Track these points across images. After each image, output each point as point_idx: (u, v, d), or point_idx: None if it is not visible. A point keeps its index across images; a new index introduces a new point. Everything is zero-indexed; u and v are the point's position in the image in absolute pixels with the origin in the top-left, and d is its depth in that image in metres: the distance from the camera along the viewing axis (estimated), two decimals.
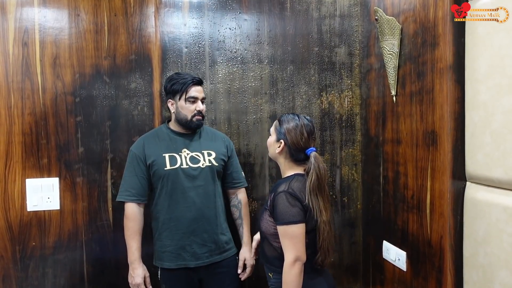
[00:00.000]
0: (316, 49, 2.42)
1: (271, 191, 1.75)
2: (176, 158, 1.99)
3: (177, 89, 1.97)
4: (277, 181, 1.78)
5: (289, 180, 1.66)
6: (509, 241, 1.46)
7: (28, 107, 2.09)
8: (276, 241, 1.66)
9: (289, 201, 1.59)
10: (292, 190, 1.61)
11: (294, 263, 1.57)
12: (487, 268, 1.56)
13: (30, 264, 2.13)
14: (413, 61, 1.93)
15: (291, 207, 1.58)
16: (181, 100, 1.98)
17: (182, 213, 1.97)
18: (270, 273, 1.74)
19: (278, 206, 1.60)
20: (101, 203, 2.19)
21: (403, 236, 2.05)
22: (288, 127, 1.71)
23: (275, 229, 1.64)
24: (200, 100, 2.00)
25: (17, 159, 2.09)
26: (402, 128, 2.04)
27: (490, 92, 1.54)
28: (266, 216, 1.69)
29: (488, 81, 1.55)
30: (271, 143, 1.78)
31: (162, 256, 2.00)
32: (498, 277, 1.51)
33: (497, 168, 1.51)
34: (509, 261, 1.46)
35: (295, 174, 1.71)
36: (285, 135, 1.70)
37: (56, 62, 2.11)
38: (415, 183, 1.94)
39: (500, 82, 1.49)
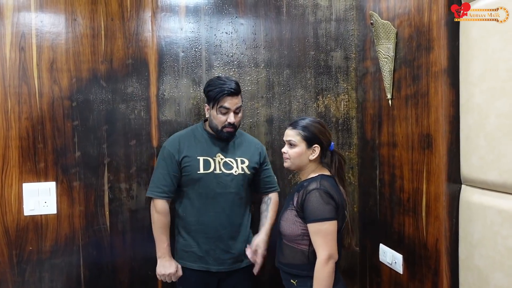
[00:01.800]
0: (312, 53, 2.44)
1: (296, 190, 1.74)
2: (210, 163, 1.99)
3: (212, 96, 1.95)
4: (300, 183, 1.79)
5: (318, 179, 1.67)
6: (503, 244, 1.47)
7: (25, 111, 2.09)
8: (303, 243, 1.65)
9: (322, 198, 1.59)
10: (325, 187, 1.62)
11: (328, 261, 1.57)
12: (482, 271, 1.57)
13: (27, 268, 2.13)
14: (408, 64, 1.95)
15: (325, 204, 1.58)
16: (214, 109, 1.97)
17: (211, 218, 1.98)
18: (294, 280, 1.70)
19: (311, 203, 1.59)
20: (98, 207, 2.19)
21: (399, 239, 2.06)
22: (315, 129, 1.73)
23: (303, 229, 1.63)
24: (233, 111, 1.96)
25: (14, 163, 2.09)
26: (398, 131, 2.05)
27: (484, 95, 1.55)
28: (292, 216, 1.67)
29: (482, 84, 1.56)
30: (302, 153, 1.74)
31: (184, 255, 2.02)
32: (493, 279, 1.51)
33: (492, 171, 1.52)
34: (504, 263, 1.47)
35: (320, 174, 1.72)
36: (318, 139, 1.72)
37: (53, 67, 2.12)
38: (411, 186, 1.95)
39: (494, 85, 1.50)
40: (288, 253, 1.70)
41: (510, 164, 1.44)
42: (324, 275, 1.56)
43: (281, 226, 1.72)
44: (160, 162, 2.03)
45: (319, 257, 1.58)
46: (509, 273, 1.44)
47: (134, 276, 2.18)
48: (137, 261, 2.20)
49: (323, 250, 1.57)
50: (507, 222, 1.45)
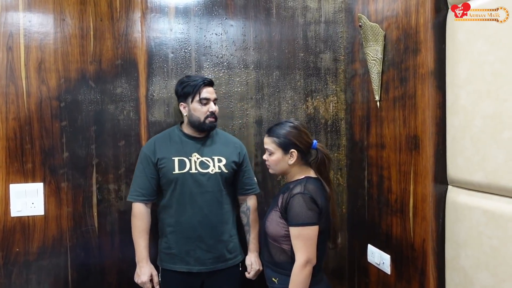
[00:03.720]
0: (301, 54, 2.45)
1: (281, 192, 1.74)
2: (186, 162, 1.99)
3: (189, 91, 1.98)
4: (286, 184, 1.78)
5: (303, 182, 1.67)
6: (488, 244, 1.49)
7: (12, 111, 2.07)
8: (287, 243, 1.66)
9: (305, 203, 1.60)
10: (308, 192, 1.62)
11: (305, 265, 1.58)
12: (468, 270, 1.59)
13: (14, 270, 2.10)
14: (396, 67, 1.97)
15: (307, 209, 1.59)
16: (194, 102, 1.99)
17: (189, 218, 1.97)
18: (275, 278, 1.71)
19: (294, 207, 1.60)
20: (86, 209, 2.18)
21: (387, 239, 2.08)
22: (289, 133, 1.71)
23: (287, 230, 1.64)
24: (212, 101, 2.01)
25: (0, 164, 2.07)
26: (385, 132, 2.07)
27: (470, 97, 1.57)
28: (276, 218, 1.68)
29: (468, 87, 1.58)
30: (279, 160, 1.74)
31: (165, 257, 2.02)
32: (478, 279, 1.54)
33: (477, 172, 1.54)
34: (489, 263, 1.49)
35: (306, 177, 1.72)
36: (293, 143, 1.70)
37: (41, 67, 2.10)
38: (398, 187, 1.97)
39: (480, 87, 1.53)
40: (272, 251, 1.73)
41: (495, 165, 1.46)
42: (301, 279, 1.59)
43: (266, 226, 1.74)
44: (138, 166, 2.04)
45: (297, 261, 1.60)
46: (494, 273, 1.46)
47: (123, 278, 2.17)
48: (126, 262, 2.18)
49: (302, 254, 1.59)
50: (492, 222, 1.47)
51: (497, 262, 1.45)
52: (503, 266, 1.43)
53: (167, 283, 2.02)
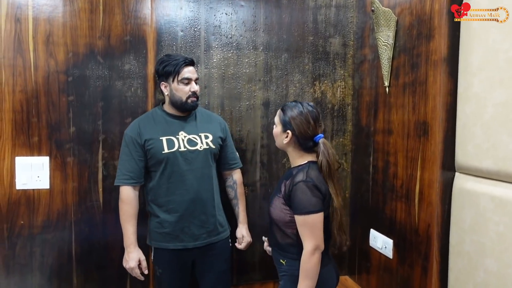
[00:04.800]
0: (311, 38, 2.44)
1: (284, 178, 1.72)
2: (174, 141, 1.98)
3: (170, 70, 1.96)
4: (289, 170, 1.76)
5: (305, 169, 1.64)
6: (495, 230, 1.51)
7: (19, 84, 2.06)
8: (291, 228, 1.65)
9: (308, 191, 1.57)
10: (311, 179, 1.59)
11: (314, 251, 1.57)
12: (472, 256, 1.61)
13: (18, 242, 2.11)
14: (407, 53, 1.96)
15: (311, 197, 1.57)
16: (175, 82, 1.97)
17: (181, 196, 1.97)
18: (283, 260, 1.71)
19: (298, 196, 1.58)
20: (91, 184, 2.18)
21: (390, 224, 2.10)
22: (293, 116, 1.67)
23: (291, 217, 1.63)
24: (194, 81, 1.99)
25: (6, 136, 2.06)
26: (393, 118, 2.07)
27: (483, 85, 1.58)
28: (280, 204, 1.67)
29: (481, 74, 1.58)
30: (278, 134, 1.74)
31: (158, 237, 2.01)
32: (483, 264, 1.56)
33: (487, 159, 1.55)
34: (494, 249, 1.51)
35: (308, 162, 1.68)
36: (291, 125, 1.67)
37: (49, 40, 2.08)
38: (404, 172, 1.98)
39: (493, 75, 1.53)
40: (278, 235, 1.72)
41: (505, 152, 1.47)
42: (310, 266, 1.59)
43: (271, 211, 1.73)
44: (124, 150, 2.00)
45: (305, 248, 1.60)
46: (499, 258, 1.48)
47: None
48: None
49: (310, 242, 1.59)
50: (500, 208, 1.49)
51: (502, 247, 1.47)
52: (509, 252, 1.45)
53: (160, 262, 2.03)
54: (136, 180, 1.98)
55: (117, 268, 2.23)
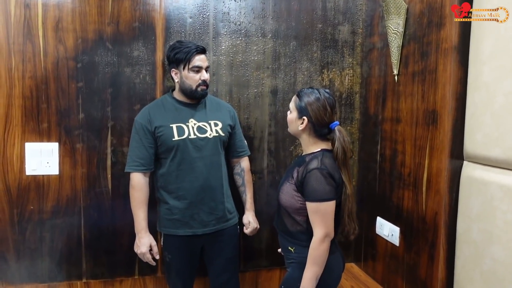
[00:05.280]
0: (319, 25, 2.43)
1: (296, 165, 1.71)
2: (184, 129, 1.99)
3: (181, 58, 1.96)
4: (301, 156, 1.75)
5: (319, 156, 1.63)
6: (503, 218, 1.52)
7: (29, 70, 2.06)
8: (301, 215, 1.66)
9: (323, 179, 1.57)
10: (325, 167, 1.59)
11: (323, 239, 1.58)
12: (479, 244, 1.62)
13: (28, 227, 2.14)
14: (417, 41, 1.96)
15: (325, 185, 1.57)
16: (185, 70, 1.97)
17: (191, 183, 1.98)
18: (291, 247, 1.71)
19: (311, 183, 1.58)
20: (100, 170, 2.19)
21: (397, 212, 2.11)
22: (309, 102, 1.65)
23: (302, 204, 1.63)
24: (204, 69, 1.99)
25: (16, 122, 2.07)
26: (402, 107, 2.07)
27: (493, 74, 1.57)
28: (291, 190, 1.66)
29: (491, 63, 1.58)
30: (293, 120, 1.71)
31: (168, 223, 2.03)
32: (489, 252, 1.57)
33: (496, 148, 1.56)
34: (501, 237, 1.52)
35: (322, 150, 1.67)
36: (307, 111, 1.65)
37: (59, 26, 2.08)
38: (412, 161, 1.98)
39: (504, 64, 1.53)
40: (287, 222, 1.72)
41: None
42: (319, 253, 1.59)
43: (280, 198, 1.72)
44: (134, 137, 2.01)
45: (315, 235, 1.60)
46: (506, 247, 1.49)
47: (134, 240, 2.17)
48: None
49: (320, 229, 1.59)
50: (508, 197, 1.50)
51: (510, 236, 1.48)
52: None
53: (170, 248, 2.05)
54: (146, 167, 1.99)
55: (126, 253, 2.26)
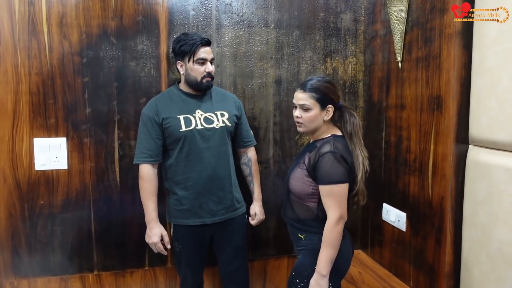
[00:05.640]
0: (322, 14, 2.43)
1: (307, 151, 1.73)
2: (191, 120, 2.01)
3: (186, 50, 1.97)
4: (311, 143, 1.77)
5: (331, 141, 1.66)
6: (509, 201, 1.53)
7: (35, 66, 2.08)
8: (312, 201, 1.68)
9: (336, 162, 1.60)
10: (338, 150, 1.62)
11: (338, 221, 1.60)
12: (486, 227, 1.64)
13: (39, 221, 2.17)
14: (420, 27, 1.96)
15: (339, 167, 1.59)
16: (190, 62, 1.98)
17: (199, 173, 2.01)
18: (301, 235, 1.73)
19: (324, 166, 1.60)
20: (108, 164, 2.22)
21: (403, 198, 2.13)
22: (327, 90, 1.69)
23: (313, 189, 1.65)
24: (209, 61, 2.00)
25: (24, 118, 2.10)
26: (406, 93, 2.08)
27: (497, 57, 1.58)
28: (303, 176, 1.68)
29: (496, 47, 1.59)
30: (317, 116, 1.69)
31: (177, 214, 2.05)
32: (496, 234, 1.59)
33: (501, 131, 1.57)
34: (508, 219, 1.54)
35: (332, 135, 1.71)
36: (330, 99, 1.69)
37: (63, 22, 2.10)
38: (417, 147, 2.00)
39: (508, 47, 1.53)
40: (297, 209, 1.74)
41: None
42: (334, 235, 1.61)
43: (291, 184, 1.74)
44: (142, 129, 2.04)
45: (330, 218, 1.62)
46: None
47: (143, 232, 2.19)
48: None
49: (335, 212, 1.60)
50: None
51: None
52: None
53: (179, 238, 2.08)
54: (154, 158, 2.02)
55: (136, 245, 2.29)
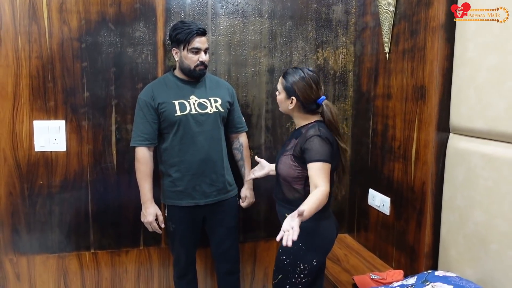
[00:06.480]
0: (314, 5, 2.51)
1: (293, 137, 1.81)
2: (185, 105, 2.09)
3: (181, 39, 2.04)
4: (296, 130, 1.85)
5: (316, 126, 1.74)
6: (484, 185, 1.64)
7: (35, 50, 2.15)
8: (298, 184, 1.77)
9: (323, 142, 1.68)
10: (323, 133, 1.71)
11: (327, 194, 1.65)
12: (463, 210, 1.75)
13: (38, 201, 2.25)
14: (407, 19, 2.05)
15: (325, 148, 1.68)
16: (185, 50, 2.06)
17: (193, 156, 2.10)
18: (287, 213, 1.80)
19: (313, 146, 1.67)
20: (105, 146, 2.30)
21: (388, 183, 2.23)
22: (295, 81, 1.75)
23: (299, 171, 1.74)
24: (203, 50, 2.08)
25: (24, 101, 2.16)
26: (393, 83, 2.18)
27: (477, 50, 1.67)
28: (289, 161, 1.77)
29: (476, 39, 1.68)
30: (282, 101, 1.82)
31: (172, 195, 2.14)
32: (472, 217, 1.70)
33: (478, 120, 1.67)
34: (483, 202, 1.64)
35: (315, 121, 1.78)
36: (294, 91, 1.75)
37: (63, 8, 2.16)
38: (402, 134, 2.10)
39: (487, 40, 1.63)
40: (284, 190, 1.83)
41: (496, 113, 1.58)
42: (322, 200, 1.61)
43: (279, 168, 1.84)
44: (138, 113, 2.12)
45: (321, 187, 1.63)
46: (487, 211, 1.62)
47: (139, 213, 2.28)
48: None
49: (325, 185, 1.64)
50: (489, 165, 1.61)
51: (490, 201, 1.61)
52: (496, 205, 1.58)
53: (173, 218, 2.18)
54: (150, 142, 2.10)
55: (131, 225, 2.38)
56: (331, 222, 1.84)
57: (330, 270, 2.25)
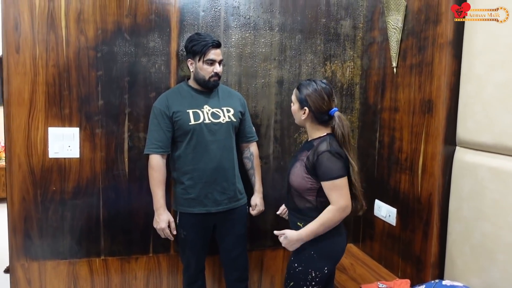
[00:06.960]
0: (323, 20, 2.58)
1: (305, 149, 1.86)
2: (199, 114, 2.15)
3: (197, 50, 2.10)
4: (308, 142, 1.90)
5: (327, 140, 1.79)
6: (491, 197, 1.69)
7: (52, 58, 2.20)
8: (310, 195, 1.81)
9: (334, 158, 1.73)
10: (334, 148, 1.75)
11: (344, 209, 1.72)
12: (469, 221, 1.80)
13: (50, 207, 2.28)
14: (415, 36, 2.12)
15: (336, 163, 1.73)
16: (200, 62, 2.12)
17: (205, 165, 2.15)
18: (300, 223, 1.85)
19: (324, 163, 1.73)
20: (118, 154, 2.34)
21: (394, 194, 2.28)
22: (308, 93, 1.81)
23: (312, 184, 1.79)
24: (218, 62, 2.14)
25: (40, 108, 2.21)
26: (400, 97, 2.24)
27: (484, 67, 1.74)
28: (301, 172, 1.81)
29: (483, 57, 1.75)
30: (296, 111, 1.89)
31: (184, 202, 2.19)
32: (479, 227, 1.75)
33: (485, 134, 1.73)
34: (489, 213, 1.70)
35: (327, 134, 1.83)
36: (307, 102, 1.81)
37: (80, 17, 2.21)
38: (409, 146, 2.16)
39: (494, 58, 1.69)
40: (297, 201, 1.87)
41: (502, 127, 1.65)
42: (331, 217, 1.71)
43: (291, 179, 1.88)
44: (153, 121, 2.18)
45: (336, 204, 1.72)
46: (493, 222, 1.67)
47: (149, 220, 2.32)
48: (152, 206, 2.27)
49: (341, 201, 1.72)
50: (495, 178, 1.67)
51: (497, 212, 1.66)
52: (502, 216, 1.64)
53: (185, 226, 2.22)
54: (164, 149, 2.15)
55: (141, 232, 2.42)
56: (343, 240, 1.89)
57: (337, 279, 2.30)
